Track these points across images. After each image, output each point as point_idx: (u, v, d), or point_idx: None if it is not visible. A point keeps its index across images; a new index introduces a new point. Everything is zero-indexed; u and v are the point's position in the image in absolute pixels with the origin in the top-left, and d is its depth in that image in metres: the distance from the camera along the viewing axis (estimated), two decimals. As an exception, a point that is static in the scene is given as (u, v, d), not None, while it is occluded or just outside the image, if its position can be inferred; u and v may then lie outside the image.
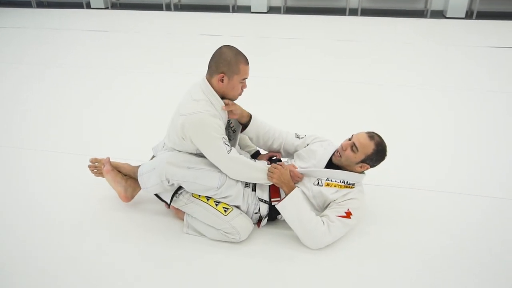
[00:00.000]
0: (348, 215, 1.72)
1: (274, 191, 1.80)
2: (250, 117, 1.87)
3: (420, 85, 3.54)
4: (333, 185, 1.76)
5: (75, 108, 3.18)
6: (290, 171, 1.79)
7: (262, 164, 1.81)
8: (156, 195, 1.85)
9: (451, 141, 2.66)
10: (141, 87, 3.60)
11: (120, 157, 2.06)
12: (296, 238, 1.76)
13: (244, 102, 1.87)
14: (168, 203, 1.80)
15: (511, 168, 2.35)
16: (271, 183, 1.77)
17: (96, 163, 1.96)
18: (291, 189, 1.73)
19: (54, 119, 2.99)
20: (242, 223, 1.75)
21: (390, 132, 2.67)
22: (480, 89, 3.45)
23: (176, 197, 1.78)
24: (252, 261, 1.70)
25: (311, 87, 3.56)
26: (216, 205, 1.74)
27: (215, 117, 1.66)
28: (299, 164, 1.86)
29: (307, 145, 1.96)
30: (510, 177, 2.26)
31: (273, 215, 1.82)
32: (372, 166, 1.79)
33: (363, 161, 1.75)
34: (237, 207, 1.78)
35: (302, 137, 1.98)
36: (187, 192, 1.77)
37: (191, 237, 1.81)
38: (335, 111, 3.11)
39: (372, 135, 1.75)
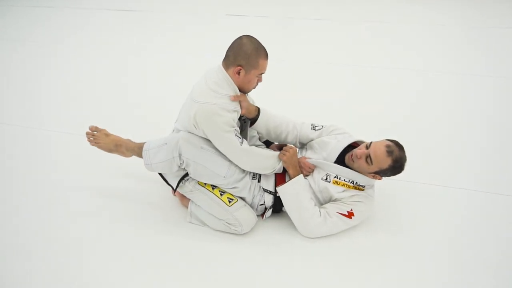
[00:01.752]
0: (350, 215, 1.68)
1: (280, 180, 1.78)
2: (258, 111, 1.80)
3: (448, 72, 3.33)
4: (340, 184, 1.71)
5: (92, 88, 3.25)
6: (300, 162, 1.76)
7: (274, 152, 1.78)
8: (163, 178, 1.86)
9: (472, 133, 2.53)
10: (162, 67, 3.62)
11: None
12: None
13: (264, 86, 1.85)
14: (174, 188, 1.81)
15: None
16: (281, 170, 1.75)
17: (95, 132, 1.85)
18: (296, 173, 1.72)
19: (69, 99, 3.07)
20: (245, 216, 1.74)
21: (406, 121, 2.62)
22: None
23: (182, 183, 1.79)
24: (253, 253, 1.71)
25: (335, 71, 3.45)
26: (221, 195, 1.75)
27: (229, 111, 1.62)
28: (309, 155, 1.82)
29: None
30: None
31: (277, 207, 1.80)
32: (385, 177, 1.71)
33: (376, 173, 1.67)
34: (242, 198, 1.78)
35: (319, 128, 1.87)
36: (194, 179, 1.77)
37: (194, 226, 1.83)
38: (357, 96, 3.01)
39: (391, 151, 1.60)
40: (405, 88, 3.14)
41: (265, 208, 1.83)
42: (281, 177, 1.79)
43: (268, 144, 2.05)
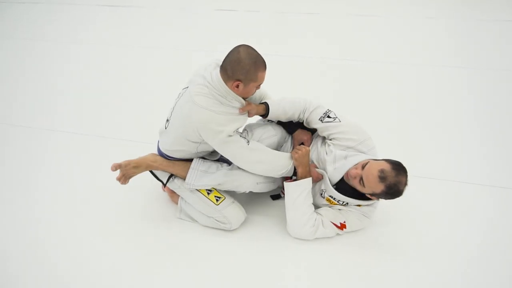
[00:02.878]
0: (342, 227, 1.71)
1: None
2: (266, 108, 1.76)
3: (437, 65, 3.36)
4: (333, 203, 1.72)
5: (81, 86, 3.24)
6: (310, 168, 1.75)
7: (284, 153, 1.76)
8: (152, 174, 1.86)
9: (467, 127, 2.55)
10: (152, 63, 3.60)
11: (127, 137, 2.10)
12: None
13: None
14: (164, 183, 1.82)
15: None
16: (292, 172, 1.73)
17: (119, 170, 1.75)
18: (304, 174, 1.70)
19: (63, 97, 3.07)
20: (234, 213, 1.77)
21: (401, 115, 2.65)
22: (506, 70, 3.23)
23: (172, 179, 1.81)
24: (243, 249, 1.74)
25: (326, 65, 3.46)
26: (208, 194, 1.76)
27: (233, 120, 1.61)
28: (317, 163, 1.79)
29: (326, 138, 1.76)
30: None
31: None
32: (382, 199, 1.64)
33: (371, 195, 1.61)
34: None
35: (328, 121, 1.72)
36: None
37: (183, 222, 1.85)
38: (350, 91, 3.04)
39: (384, 177, 1.49)
40: (397, 82, 3.16)
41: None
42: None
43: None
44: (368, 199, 1.66)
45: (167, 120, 1.76)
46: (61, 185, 2.13)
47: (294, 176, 1.73)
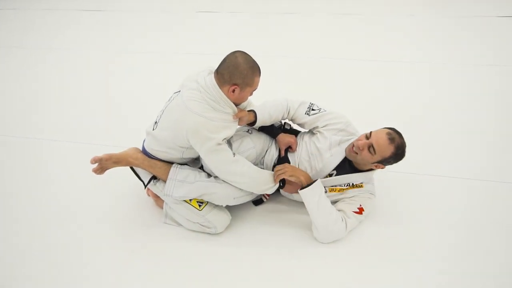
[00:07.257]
0: (360, 211, 1.72)
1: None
2: (255, 115, 1.78)
3: (420, 62, 3.41)
4: (337, 190, 1.74)
5: (67, 92, 3.19)
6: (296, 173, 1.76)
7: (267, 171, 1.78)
8: (134, 172, 1.84)
9: (456, 122, 2.59)
10: (135, 67, 3.57)
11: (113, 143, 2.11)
12: (280, 229, 1.81)
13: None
14: (145, 184, 1.80)
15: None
16: (276, 187, 1.75)
17: (97, 163, 1.73)
18: (308, 178, 1.71)
19: (48, 105, 3.02)
20: (218, 217, 1.77)
21: (391, 112, 2.68)
22: (486, 64, 3.30)
23: (153, 182, 1.79)
24: (229, 253, 1.73)
25: (310, 64, 3.48)
26: (190, 200, 1.74)
27: (225, 127, 1.61)
28: (306, 161, 1.80)
29: (316, 127, 1.83)
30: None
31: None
32: (388, 165, 1.71)
33: (379, 162, 1.66)
34: None
35: (314, 113, 1.83)
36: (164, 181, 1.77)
37: (169, 226, 1.85)
38: (334, 90, 3.05)
39: (393, 138, 1.60)
40: (379, 79, 3.19)
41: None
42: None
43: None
44: (368, 171, 1.74)
45: (155, 122, 1.75)
46: (42, 191, 2.10)
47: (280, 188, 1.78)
